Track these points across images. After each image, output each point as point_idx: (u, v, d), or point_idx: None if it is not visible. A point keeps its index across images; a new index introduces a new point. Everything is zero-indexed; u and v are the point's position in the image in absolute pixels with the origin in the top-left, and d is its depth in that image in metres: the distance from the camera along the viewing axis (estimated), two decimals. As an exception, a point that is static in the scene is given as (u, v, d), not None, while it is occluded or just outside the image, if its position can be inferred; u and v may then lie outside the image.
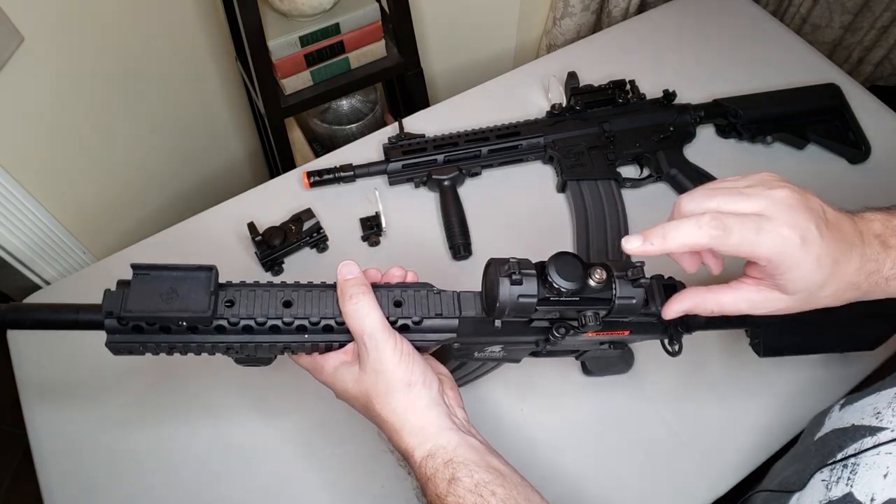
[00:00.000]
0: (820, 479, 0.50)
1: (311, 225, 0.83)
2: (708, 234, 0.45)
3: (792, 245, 0.45)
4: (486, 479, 0.47)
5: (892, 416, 0.48)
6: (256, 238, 0.81)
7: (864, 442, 0.48)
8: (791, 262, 0.45)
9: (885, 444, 0.46)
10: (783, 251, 0.45)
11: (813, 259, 0.45)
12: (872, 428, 0.49)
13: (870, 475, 0.45)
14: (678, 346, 0.61)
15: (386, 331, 0.50)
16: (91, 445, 0.73)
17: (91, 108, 1.15)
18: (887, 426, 0.48)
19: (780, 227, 0.45)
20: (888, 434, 0.47)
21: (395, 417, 0.50)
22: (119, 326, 0.48)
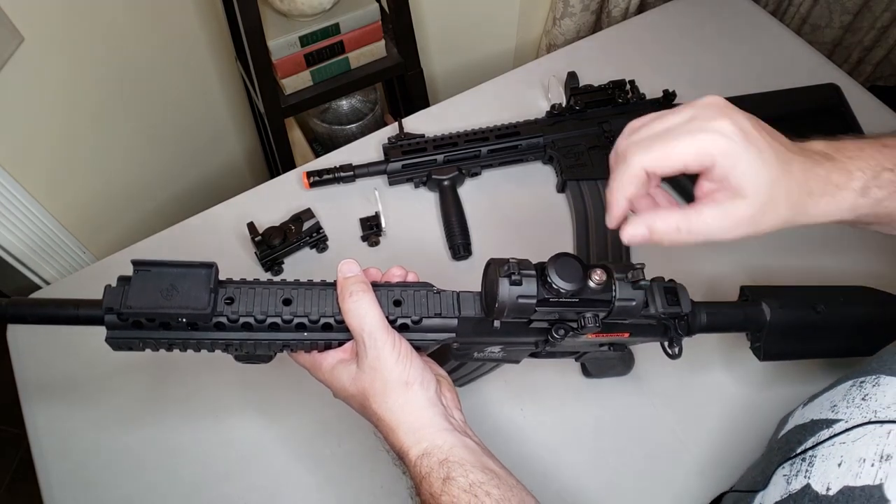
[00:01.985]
0: (781, 475, 0.50)
1: (310, 225, 0.83)
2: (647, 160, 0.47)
3: (733, 136, 0.45)
4: (482, 479, 0.47)
5: (846, 406, 0.48)
6: (256, 238, 0.81)
7: (821, 434, 0.48)
8: (736, 154, 0.45)
9: (840, 435, 0.46)
10: (725, 145, 0.45)
11: (756, 151, 0.46)
12: (829, 420, 0.49)
13: (825, 465, 0.46)
14: (678, 348, 0.61)
15: (385, 329, 0.50)
16: (91, 444, 0.73)
17: (91, 108, 1.15)
18: (842, 417, 0.48)
19: (717, 121, 0.46)
20: (842, 425, 0.47)
21: (391, 416, 0.50)
22: (119, 322, 0.48)
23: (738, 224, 0.47)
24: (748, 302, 0.64)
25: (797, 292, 0.67)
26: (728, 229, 0.48)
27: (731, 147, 0.45)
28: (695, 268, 0.83)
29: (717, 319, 0.61)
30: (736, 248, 0.85)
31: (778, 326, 0.62)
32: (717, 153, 0.45)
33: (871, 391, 0.47)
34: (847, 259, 0.84)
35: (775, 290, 0.66)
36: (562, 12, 1.30)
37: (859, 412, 0.47)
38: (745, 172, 0.46)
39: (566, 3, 1.28)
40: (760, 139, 0.46)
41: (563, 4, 1.29)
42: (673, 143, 0.46)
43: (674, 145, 0.46)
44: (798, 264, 0.83)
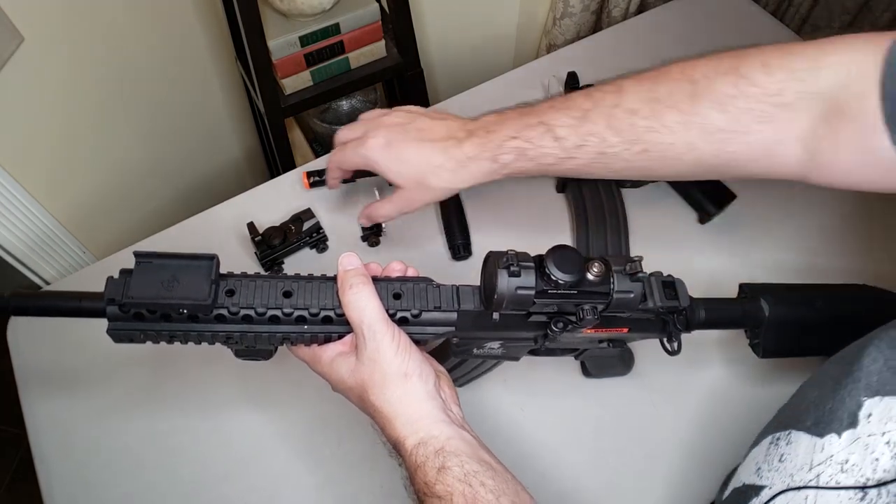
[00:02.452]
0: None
1: (310, 225, 0.83)
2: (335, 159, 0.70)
3: (378, 149, 0.65)
4: (477, 469, 0.47)
5: (767, 469, 0.48)
6: (256, 238, 0.81)
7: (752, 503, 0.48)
8: (382, 162, 0.65)
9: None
10: (374, 156, 0.65)
11: (395, 156, 0.64)
12: (756, 487, 0.48)
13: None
14: (677, 343, 0.61)
15: (384, 321, 0.50)
16: (91, 442, 0.73)
17: (91, 108, 1.15)
18: (766, 483, 0.47)
19: (371, 139, 0.65)
20: (767, 492, 0.46)
21: (389, 407, 0.50)
22: (120, 314, 0.48)
23: (402, 205, 0.68)
24: (747, 298, 0.64)
25: (796, 289, 0.67)
26: (397, 210, 0.69)
27: (378, 157, 0.65)
28: (693, 265, 0.83)
29: (716, 315, 0.61)
30: (735, 246, 0.85)
31: (777, 323, 0.62)
32: (371, 163, 0.66)
33: (787, 450, 0.47)
34: (846, 257, 0.84)
35: (774, 287, 0.66)
36: (562, 12, 1.30)
37: (779, 477, 0.46)
38: (392, 172, 0.65)
39: (566, 3, 1.28)
40: (403, 145, 0.64)
41: (563, 4, 1.29)
42: (349, 154, 0.68)
43: (350, 156, 0.68)
44: (797, 262, 0.83)
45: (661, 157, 0.57)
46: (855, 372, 0.44)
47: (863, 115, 0.49)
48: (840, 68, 0.50)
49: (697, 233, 0.87)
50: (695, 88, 0.55)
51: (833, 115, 0.51)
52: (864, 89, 0.48)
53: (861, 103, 0.48)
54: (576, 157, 0.59)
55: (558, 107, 0.59)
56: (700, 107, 0.54)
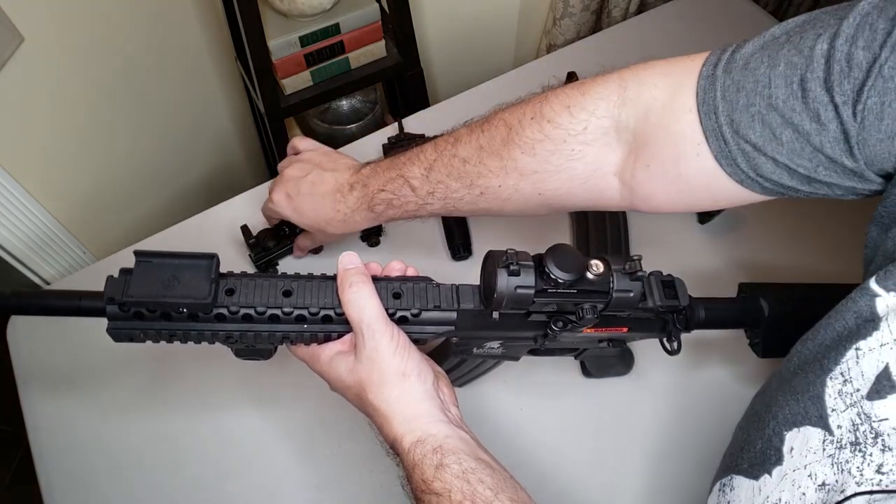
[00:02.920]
0: None
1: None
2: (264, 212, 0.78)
3: (282, 203, 0.71)
4: (475, 467, 0.47)
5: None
6: (250, 241, 0.81)
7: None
8: (289, 213, 0.71)
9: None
10: (281, 209, 0.71)
11: (296, 209, 0.70)
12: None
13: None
14: (677, 343, 0.61)
15: (383, 320, 0.50)
16: (91, 441, 0.73)
17: (91, 108, 1.15)
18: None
19: (275, 195, 0.71)
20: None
21: (387, 407, 0.50)
22: (120, 313, 0.48)
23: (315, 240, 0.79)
24: (747, 297, 0.64)
25: (796, 289, 0.67)
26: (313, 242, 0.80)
27: (284, 210, 0.71)
28: (693, 265, 0.83)
29: (716, 315, 0.61)
30: (735, 246, 0.85)
31: (776, 323, 0.62)
32: (281, 215, 0.73)
33: (731, 496, 0.48)
34: (845, 257, 0.84)
35: (774, 286, 0.66)
36: (562, 12, 1.30)
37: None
38: (297, 222, 0.72)
39: (566, 3, 1.28)
40: (299, 199, 0.70)
41: (563, 4, 1.29)
42: (267, 208, 0.75)
43: (267, 211, 0.76)
44: (799, 267, 0.83)
45: (496, 199, 0.60)
46: (773, 407, 0.45)
47: (671, 142, 0.50)
48: (639, 102, 0.52)
49: (697, 233, 0.88)
50: (509, 135, 0.57)
51: (641, 147, 0.52)
52: (671, 115, 0.50)
53: (668, 130, 0.50)
54: (431, 203, 0.63)
55: (413, 159, 0.63)
56: (513, 152, 0.57)
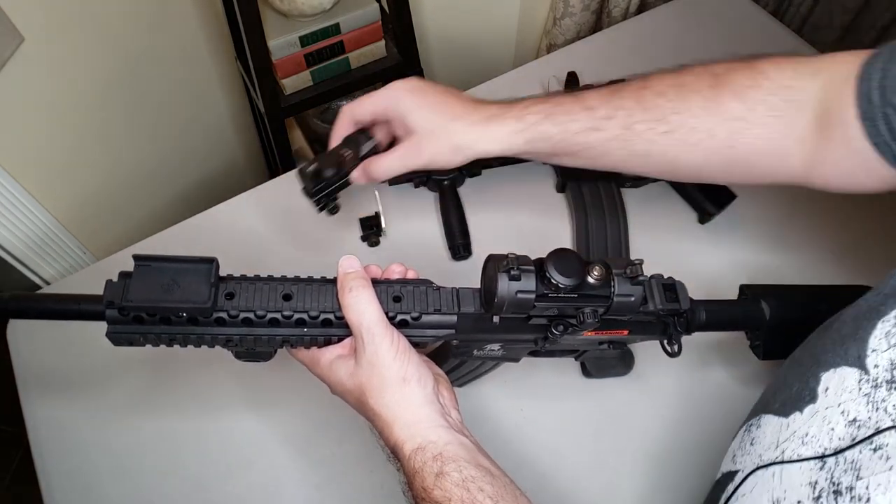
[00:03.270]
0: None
1: (369, 149, 0.68)
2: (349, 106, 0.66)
3: (404, 90, 0.63)
4: (475, 475, 0.47)
5: (741, 455, 0.49)
6: (309, 169, 0.66)
7: (728, 489, 0.49)
8: (408, 100, 0.63)
9: (740, 486, 0.47)
10: (399, 93, 0.63)
11: (420, 99, 0.63)
12: (731, 473, 0.50)
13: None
14: (677, 346, 0.61)
15: (383, 325, 0.50)
16: (91, 442, 0.73)
17: (91, 108, 1.15)
18: (739, 467, 0.49)
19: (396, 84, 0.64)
20: (739, 475, 0.48)
21: (387, 412, 0.50)
22: (120, 317, 0.48)
23: (409, 157, 0.64)
24: (748, 300, 0.64)
25: (797, 291, 0.67)
26: (401, 164, 0.64)
27: (401, 95, 0.63)
28: (695, 269, 0.83)
29: (717, 317, 0.61)
30: (735, 246, 0.85)
31: (777, 325, 0.62)
32: (393, 102, 0.63)
33: (757, 434, 0.48)
34: (846, 257, 0.84)
35: (775, 288, 0.65)
36: (562, 12, 1.30)
37: (750, 459, 0.48)
38: (412, 113, 0.63)
39: (566, 3, 1.28)
40: (429, 90, 0.63)
41: (563, 4, 1.29)
42: (369, 99, 0.65)
43: (369, 100, 0.65)
44: (799, 267, 0.83)
45: (683, 142, 0.59)
46: (814, 351, 0.47)
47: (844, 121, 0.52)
48: (827, 76, 0.54)
49: (697, 233, 0.87)
50: (716, 80, 0.58)
51: (823, 119, 0.54)
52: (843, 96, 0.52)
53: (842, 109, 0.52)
54: (602, 130, 0.60)
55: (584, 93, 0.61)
56: (721, 94, 0.57)
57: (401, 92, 0.63)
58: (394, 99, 0.63)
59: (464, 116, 0.63)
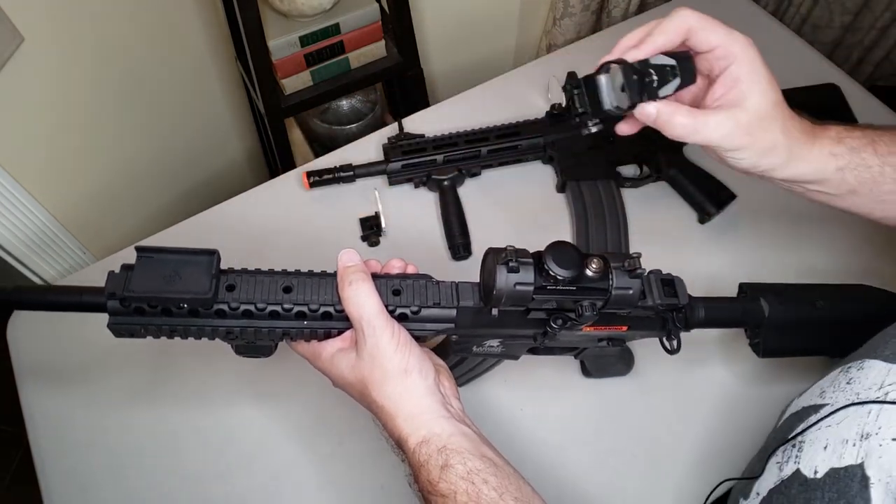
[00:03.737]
0: (774, 462, 0.52)
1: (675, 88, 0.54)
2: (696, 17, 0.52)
3: (753, 49, 0.52)
4: (479, 467, 0.47)
5: (833, 391, 0.50)
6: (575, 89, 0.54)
7: (810, 420, 0.50)
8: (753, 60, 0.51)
9: (826, 418, 0.48)
10: (750, 49, 0.52)
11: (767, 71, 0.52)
12: (816, 406, 0.51)
13: (813, 450, 0.47)
14: (676, 342, 0.61)
15: (383, 317, 0.50)
16: (91, 440, 0.73)
17: (91, 108, 1.15)
18: (828, 402, 0.50)
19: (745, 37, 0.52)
20: (828, 408, 0.49)
21: (390, 404, 0.50)
22: (121, 308, 0.48)
23: (735, 130, 0.52)
24: (747, 297, 0.64)
25: (796, 289, 0.67)
26: (725, 135, 0.52)
27: (753, 54, 0.51)
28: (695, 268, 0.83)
29: (716, 314, 0.61)
30: (735, 246, 0.85)
31: (776, 323, 0.63)
32: (740, 50, 0.51)
33: (856, 375, 0.49)
34: (846, 257, 0.84)
35: (774, 286, 0.66)
36: (562, 12, 1.30)
37: (843, 395, 0.49)
38: (756, 81, 0.51)
39: (566, 3, 1.28)
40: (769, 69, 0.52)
41: (563, 4, 1.29)
42: (716, 23, 0.52)
43: (717, 23, 0.52)
44: (798, 266, 0.83)
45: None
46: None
47: None
48: None
49: (697, 232, 0.88)
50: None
51: None
52: None
53: None
54: None
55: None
56: None
57: (751, 48, 0.52)
58: (742, 49, 0.51)
59: (797, 124, 0.54)
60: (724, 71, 0.52)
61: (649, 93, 0.51)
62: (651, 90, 0.50)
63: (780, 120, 0.52)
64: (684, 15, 0.52)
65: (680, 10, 0.52)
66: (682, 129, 0.51)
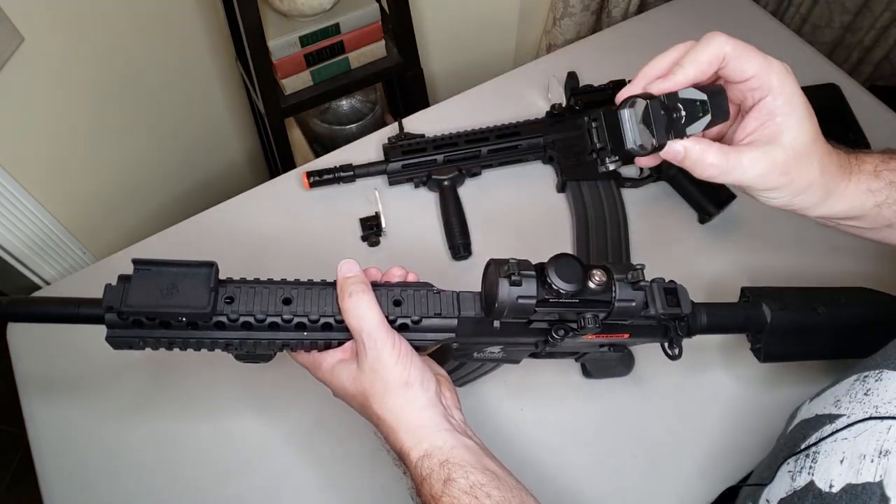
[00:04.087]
0: (786, 471, 0.51)
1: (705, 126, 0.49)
2: (733, 44, 0.47)
3: (791, 78, 0.48)
4: (482, 480, 0.47)
5: (848, 402, 0.49)
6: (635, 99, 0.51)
7: (824, 430, 0.49)
8: (791, 91, 0.47)
9: (842, 430, 0.47)
10: (785, 78, 0.47)
11: (805, 103, 0.48)
12: (832, 416, 0.49)
13: (828, 462, 0.46)
14: (678, 349, 0.61)
15: (385, 330, 0.50)
16: (91, 443, 0.73)
17: (91, 108, 1.15)
18: (844, 412, 0.48)
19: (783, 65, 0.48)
20: (844, 420, 0.47)
21: (391, 417, 0.50)
22: (119, 321, 0.48)
23: (771, 170, 0.48)
24: (749, 303, 0.64)
25: (798, 294, 0.67)
26: (760, 175, 0.48)
27: (791, 85, 0.47)
28: (695, 269, 0.83)
29: (718, 320, 0.61)
30: (735, 246, 0.85)
31: (779, 328, 0.62)
32: (777, 80, 0.47)
33: (874, 386, 0.48)
34: (847, 261, 0.84)
35: (776, 291, 0.65)
36: (562, 12, 1.30)
37: (861, 407, 0.47)
38: (793, 115, 0.47)
39: (566, 3, 1.28)
40: (807, 103, 0.48)
41: (563, 4, 1.29)
42: (752, 50, 0.47)
43: (753, 51, 0.47)
44: (798, 266, 0.83)
45: None
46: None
47: None
48: None
49: (697, 233, 0.88)
50: None
51: None
52: None
53: None
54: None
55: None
56: None
57: (789, 79, 0.48)
58: (779, 79, 0.47)
59: (836, 160, 0.51)
60: (758, 102, 0.48)
61: (676, 130, 0.47)
62: (679, 127, 0.46)
63: (818, 156, 0.49)
64: (719, 42, 0.47)
65: (714, 36, 0.47)
66: (714, 169, 0.47)
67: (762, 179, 0.48)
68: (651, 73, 0.49)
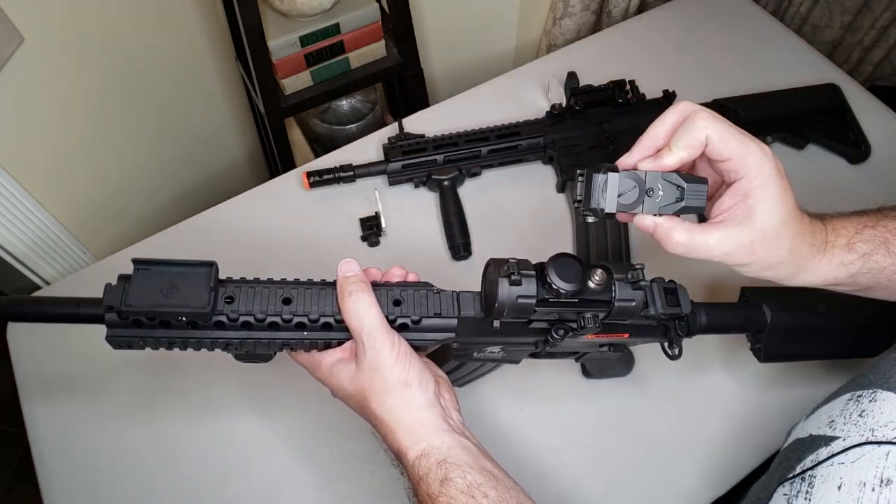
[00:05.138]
0: (782, 494, 0.50)
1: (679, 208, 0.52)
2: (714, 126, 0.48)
3: (769, 162, 0.48)
4: (479, 480, 0.47)
5: (843, 423, 0.48)
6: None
7: (820, 453, 0.48)
8: (767, 175, 0.48)
9: (838, 455, 0.46)
10: (762, 162, 0.48)
11: (781, 186, 0.49)
12: (827, 438, 0.49)
13: (825, 488, 0.45)
14: (678, 349, 0.61)
15: (384, 329, 0.50)
16: (91, 443, 0.73)
17: (91, 109, 1.15)
18: (840, 435, 0.48)
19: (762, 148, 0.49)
20: (840, 443, 0.47)
21: (390, 417, 0.50)
22: (119, 321, 0.48)
23: (737, 249, 0.50)
24: (749, 303, 0.64)
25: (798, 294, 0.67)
26: (726, 254, 0.50)
27: (768, 169, 0.48)
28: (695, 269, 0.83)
29: (718, 320, 0.61)
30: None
31: (778, 328, 0.62)
32: (754, 164, 0.48)
33: (869, 407, 0.47)
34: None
35: (776, 291, 0.66)
36: (562, 12, 1.30)
37: (857, 430, 0.47)
38: (766, 199, 0.49)
39: (566, 3, 1.28)
40: (785, 181, 0.50)
41: (563, 4, 1.29)
42: (736, 131, 0.49)
43: (734, 133, 0.49)
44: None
45: None
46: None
47: None
48: None
49: (697, 233, 0.87)
50: None
51: None
52: None
53: None
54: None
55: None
56: None
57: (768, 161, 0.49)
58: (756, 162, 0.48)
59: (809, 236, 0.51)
60: (734, 182, 0.50)
61: (650, 205, 0.49)
62: (653, 204, 0.49)
63: (788, 238, 0.50)
64: (703, 125, 0.48)
65: (699, 118, 0.49)
66: (680, 247, 0.50)
67: (728, 258, 0.50)
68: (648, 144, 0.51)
